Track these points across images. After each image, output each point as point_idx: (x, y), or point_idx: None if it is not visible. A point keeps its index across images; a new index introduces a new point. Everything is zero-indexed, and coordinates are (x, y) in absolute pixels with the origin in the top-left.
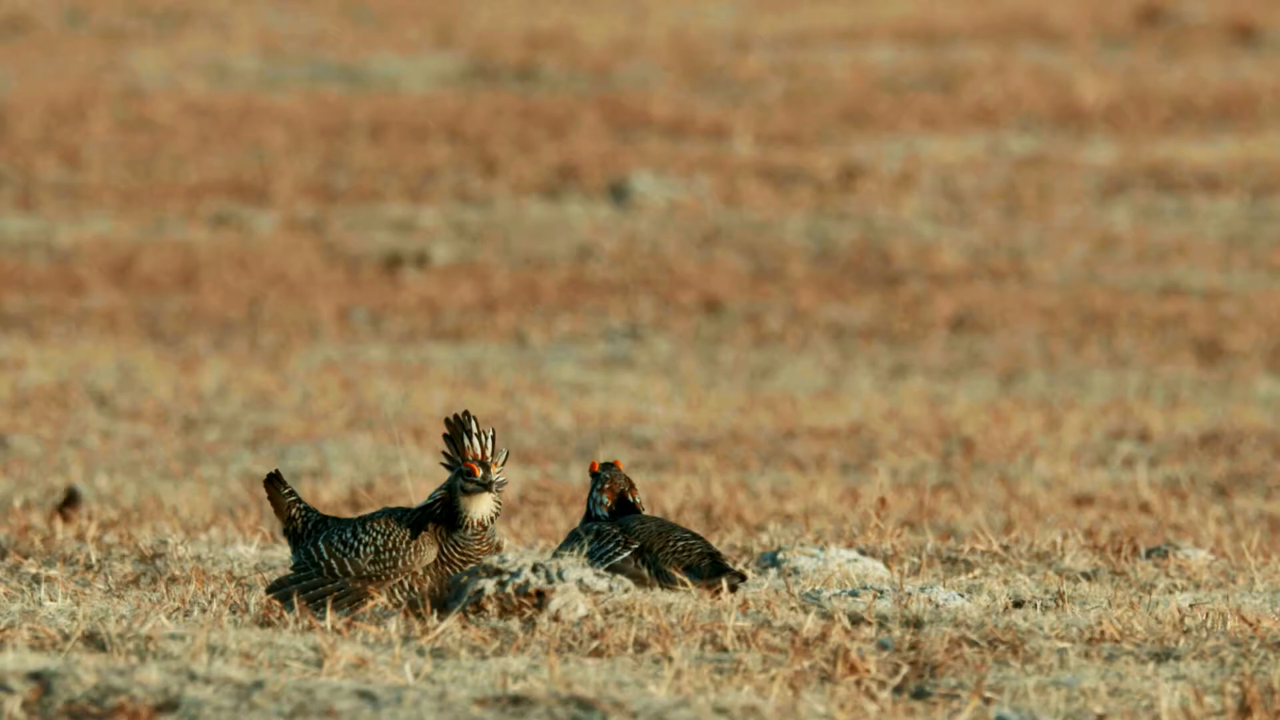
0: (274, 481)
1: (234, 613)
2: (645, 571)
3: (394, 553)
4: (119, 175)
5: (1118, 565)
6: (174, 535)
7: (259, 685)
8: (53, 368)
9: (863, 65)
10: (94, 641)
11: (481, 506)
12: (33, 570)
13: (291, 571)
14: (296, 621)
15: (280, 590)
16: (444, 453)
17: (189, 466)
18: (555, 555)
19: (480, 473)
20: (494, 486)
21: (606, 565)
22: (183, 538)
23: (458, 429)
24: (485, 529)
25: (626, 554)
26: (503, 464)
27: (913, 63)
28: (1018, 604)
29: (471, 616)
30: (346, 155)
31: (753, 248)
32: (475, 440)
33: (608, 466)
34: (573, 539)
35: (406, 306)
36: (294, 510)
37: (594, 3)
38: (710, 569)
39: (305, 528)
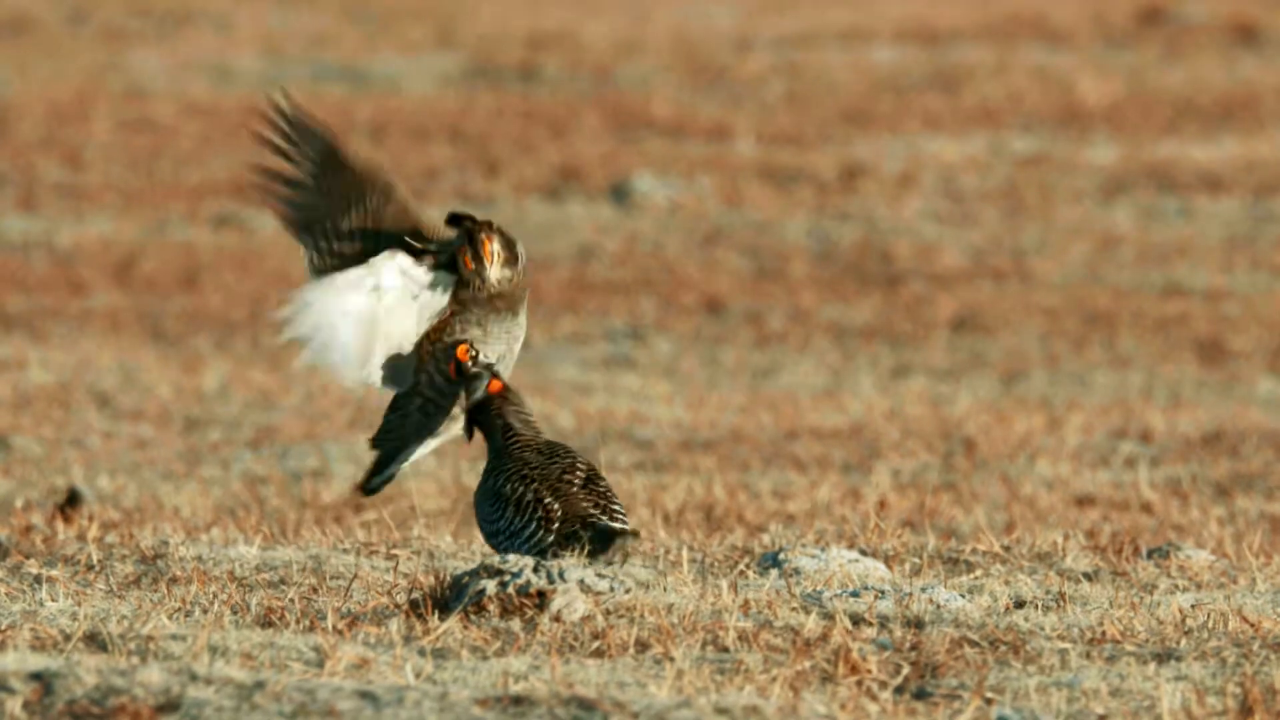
0: None
1: (235, 613)
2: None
3: None
4: (121, 175)
5: (1119, 566)
6: (175, 536)
7: (260, 685)
8: (54, 368)
9: (864, 66)
10: (95, 642)
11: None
12: (34, 570)
13: None
14: (297, 622)
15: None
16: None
17: (190, 467)
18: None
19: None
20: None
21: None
22: (184, 538)
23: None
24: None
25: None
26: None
27: (914, 63)
28: (1019, 604)
29: (473, 617)
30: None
31: (754, 248)
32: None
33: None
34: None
35: None
36: None
37: (595, 3)
38: (598, 542)
39: None
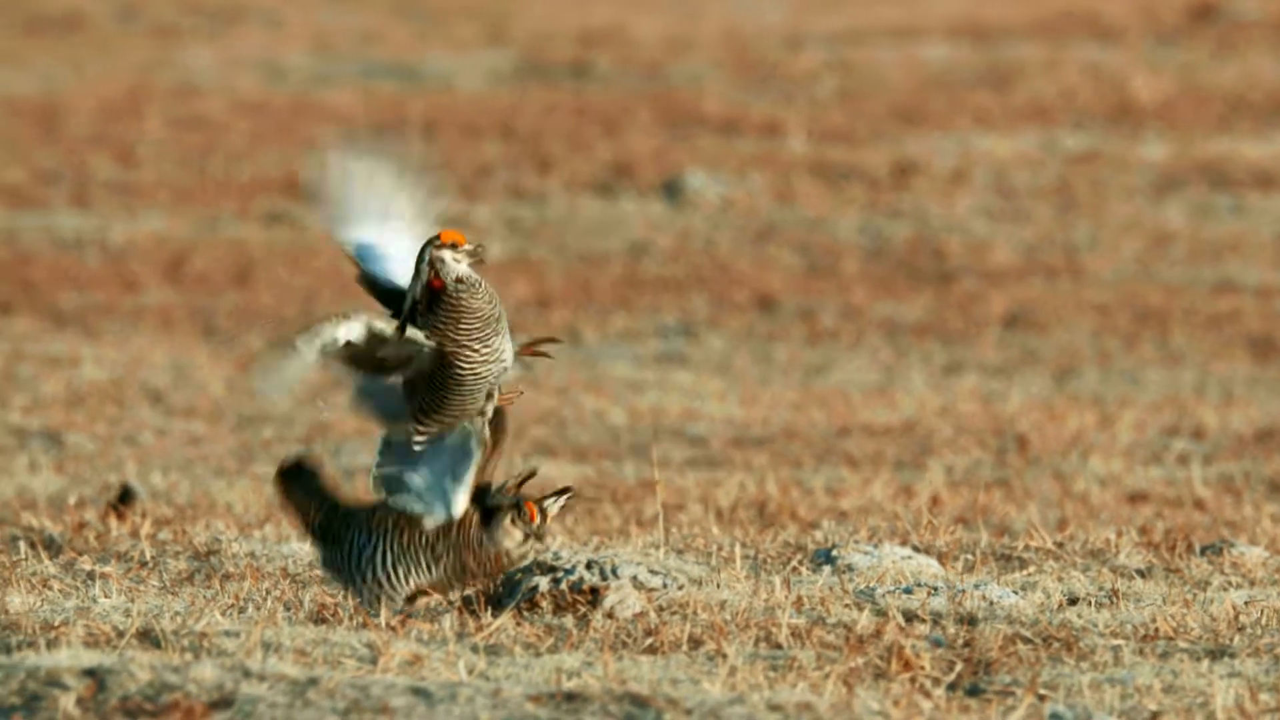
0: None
1: (288, 610)
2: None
3: None
4: (172, 173)
5: (1172, 562)
6: (228, 532)
7: (313, 682)
8: (107, 365)
9: (915, 62)
10: (148, 638)
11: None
12: (87, 567)
13: None
14: (350, 618)
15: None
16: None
17: (243, 464)
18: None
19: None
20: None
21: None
22: (237, 535)
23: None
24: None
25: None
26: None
27: (965, 60)
28: (1072, 601)
29: (525, 613)
30: (399, 152)
31: (806, 245)
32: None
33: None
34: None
35: None
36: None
37: (646, 0)
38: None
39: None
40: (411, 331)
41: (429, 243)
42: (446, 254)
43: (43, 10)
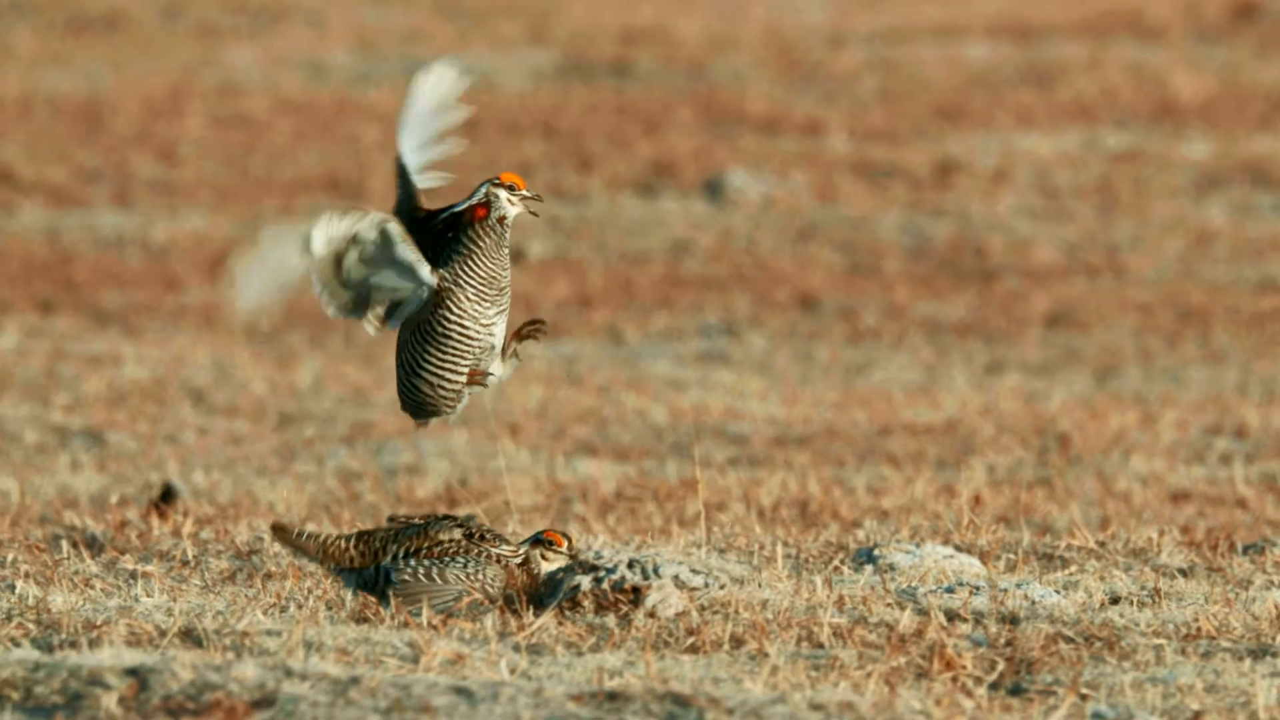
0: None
1: (330, 609)
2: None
3: None
4: (214, 171)
5: (1214, 561)
6: (270, 532)
7: (355, 681)
8: (149, 364)
9: (957, 61)
10: (190, 637)
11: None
12: (129, 566)
13: None
14: (392, 618)
15: None
16: None
17: (285, 463)
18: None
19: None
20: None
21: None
22: None
23: None
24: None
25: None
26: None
27: (1007, 59)
28: (1114, 600)
29: (567, 613)
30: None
31: (848, 244)
32: None
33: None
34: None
35: None
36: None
37: None
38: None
39: None
40: (418, 257)
41: (490, 180)
42: (502, 191)
43: (86, 9)
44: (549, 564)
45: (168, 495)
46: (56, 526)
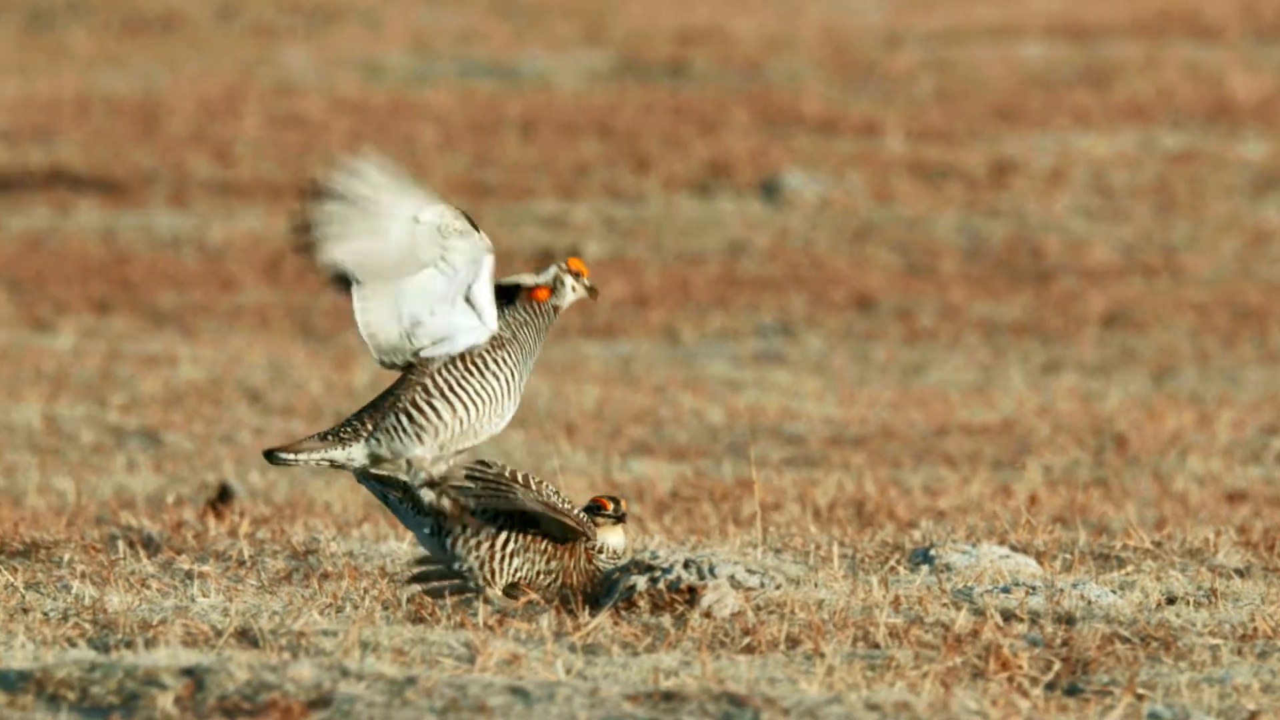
0: None
1: (386, 609)
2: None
3: None
4: (270, 171)
5: (1271, 562)
6: (326, 531)
7: (411, 681)
8: (205, 364)
9: (1014, 61)
10: (246, 637)
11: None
12: (185, 566)
13: None
14: (448, 618)
15: None
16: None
17: None
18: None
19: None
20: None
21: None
22: (335, 534)
23: None
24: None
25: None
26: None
27: (1064, 59)
28: (1170, 601)
29: (623, 613)
30: (497, 152)
31: (904, 244)
32: None
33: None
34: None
35: None
36: None
37: None
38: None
39: None
40: (492, 298)
41: (560, 264)
42: (569, 279)
43: (142, 10)
44: (601, 530)
45: (224, 495)
46: (113, 526)
